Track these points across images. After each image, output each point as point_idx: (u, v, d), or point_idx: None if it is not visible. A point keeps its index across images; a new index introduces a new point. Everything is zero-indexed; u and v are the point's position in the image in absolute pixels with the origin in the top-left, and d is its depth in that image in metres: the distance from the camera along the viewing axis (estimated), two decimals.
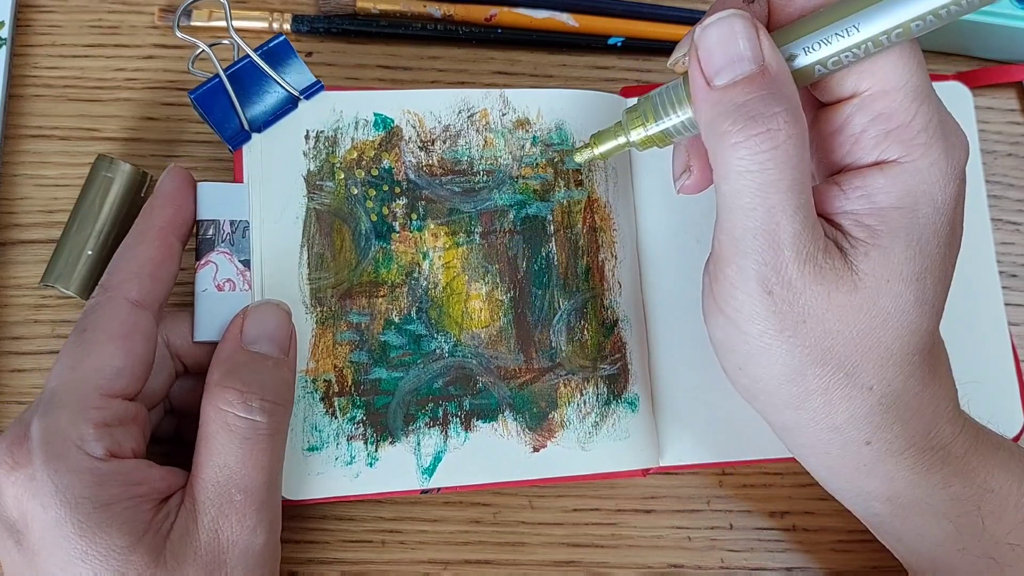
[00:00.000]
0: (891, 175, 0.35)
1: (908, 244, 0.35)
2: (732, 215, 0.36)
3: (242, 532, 0.39)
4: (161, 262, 0.42)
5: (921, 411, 0.38)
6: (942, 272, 0.37)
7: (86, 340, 0.40)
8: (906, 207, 0.35)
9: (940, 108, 0.36)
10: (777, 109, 0.34)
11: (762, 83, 0.34)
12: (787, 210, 0.34)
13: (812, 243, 0.35)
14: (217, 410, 0.40)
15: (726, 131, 0.34)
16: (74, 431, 0.37)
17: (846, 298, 0.36)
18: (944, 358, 0.40)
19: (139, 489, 0.38)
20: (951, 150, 0.36)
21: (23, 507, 0.37)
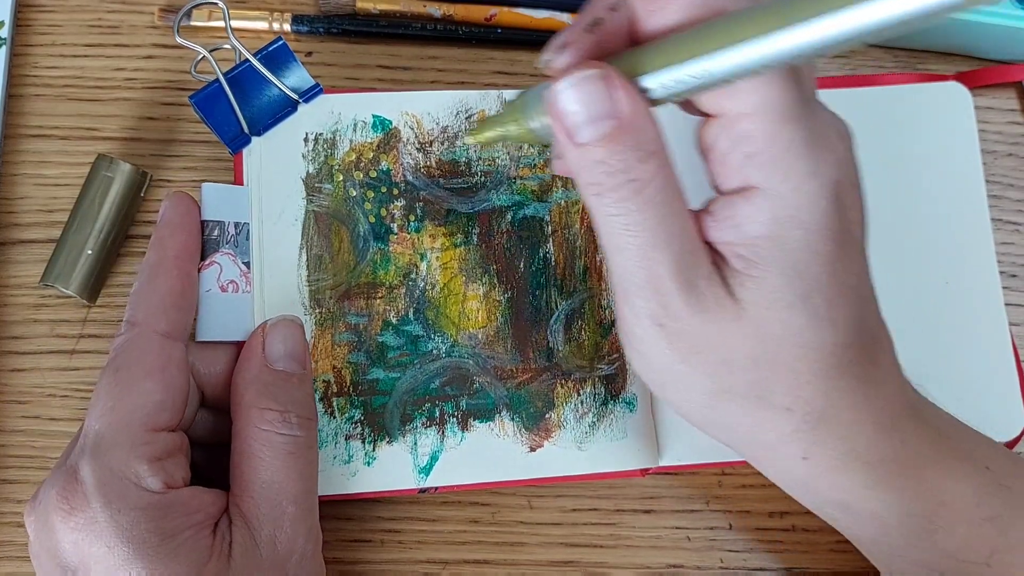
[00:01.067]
0: (755, 203, 0.34)
1: (782, 271, 0.34)
2: (613, 258, 0.35)
3: (296, 540, 0.40)
4: (182, 292, 0.42)
5: (858, 423, 0.37)
6: (837, 285, 0.35)
7: (122, 379, 0.40)
8: (774, 235, 0.34)
9: (812, 122, 0.33)
10: (635, 160, 0.33)
11: (620, 138, 0.33)
12: (660, 247, 0.34)
13: (692, 274, 0.35)
14: (258, 430, 0.41)
15: (591, 183, 0.34)
16: (129, 470, 0.38)
17: (733, 326, 0.35)
18: (886, 364, 0.38)
19: (198, 516, 0.39)
20: (817, 169, 0.33)
21: (84, 552, 0.37)
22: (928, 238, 0.51)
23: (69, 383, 0.49)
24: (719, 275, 0.35)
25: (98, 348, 0.49)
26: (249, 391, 0.42)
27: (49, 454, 0.48)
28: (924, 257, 0.51)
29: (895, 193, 0.51)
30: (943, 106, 0.53)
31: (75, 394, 0.48)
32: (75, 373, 0.49)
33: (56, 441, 0.48)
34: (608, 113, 0.32)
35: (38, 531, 0.39)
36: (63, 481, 0.38)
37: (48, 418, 0.48)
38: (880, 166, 0.51)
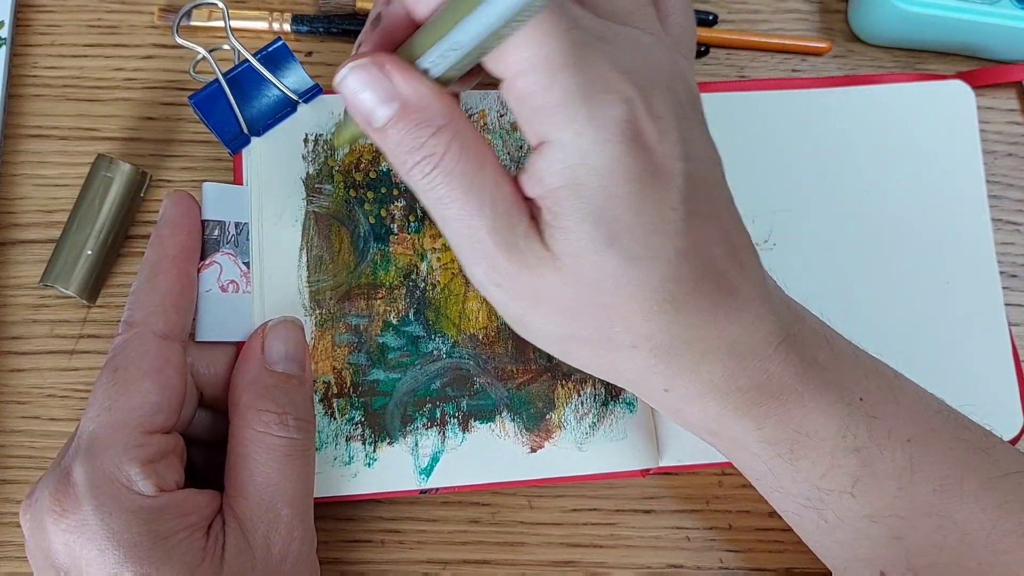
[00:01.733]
0: (547, 156, 0.34)
1: (584, 218, 0.34)
2: (442, 229, 0.37)
3: (292, 543, 0.40)
4: (181, 292, 0.42)
5: (711, 353, 0.37)
6: (648, 222, 0.35)
7: (119, 379, 0.40)
8: (568, 184, 0.34)
9: (588, 67, 0.33)
10: (425, 136, 0.35)
11: (406, 117, 0.35)
12: (474, 213, 0.35)
13: (510, 233, 0.35)
14: (255, 432, 0.41)
15: (397, 164, 0.36)
16: (121, 472, 0.38)
17: (555, 277, 0.36)
18: (744, 291, 0.38)
19: (191, 518, 0.39)
20: (597, 113, 0.33)
21: (75, 553, 0.37)
22: (928, 238, 0.51)
23: (69, 383, 0.49)
24: (536, 230, 0.35)
25: (98, 348, 0.49)
26: (247, 392, 0.42)
27: (49, 454, 0.48)
28: (924, 257, 0.51)
29: (895, 193, 0.51)
30: (944, 105, 0.53)
31: (75, 394, 0.48)
32: (75, 373, 0.49)
33: (56, 441, 0.48)
34: (391, 96, 0.34)
35: (32, 530, 0.39)
36: (56, 482, 0.38)
37: (48, 418, 0.48)
38: (880, 166, 0.51)
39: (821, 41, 0.56)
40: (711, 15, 0.55)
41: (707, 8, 0.56)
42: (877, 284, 0.50)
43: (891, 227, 0.51)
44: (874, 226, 0.51)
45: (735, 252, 0.37)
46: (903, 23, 0.53)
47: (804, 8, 0.57)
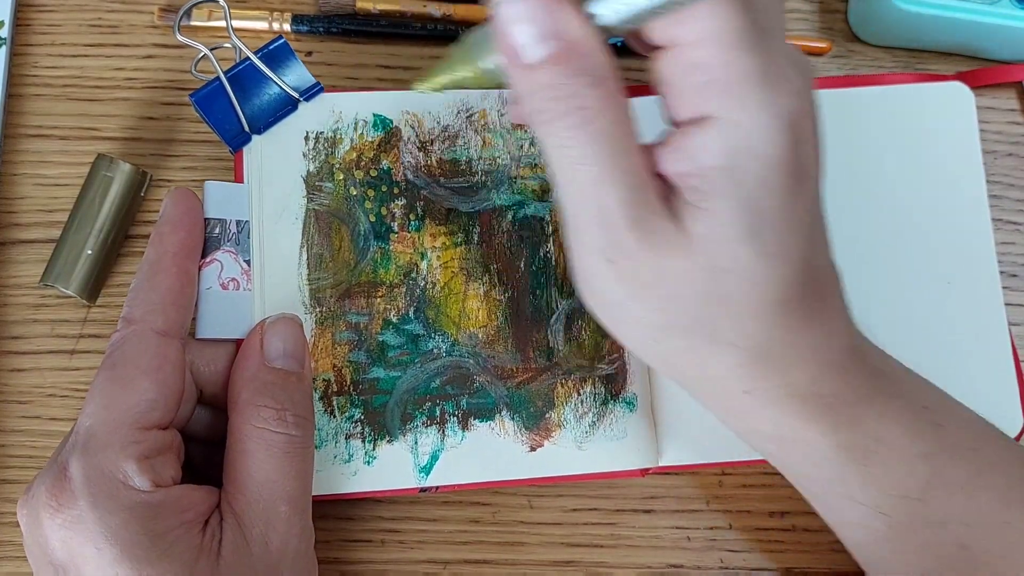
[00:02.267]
0: (709, 133, 0.32)
1: (735, 204, 0.33)
2: (563, 191, 0.35)
3: (290, 539, 0.40)
4: (180, 289, 0.42)
5: (800, 359, 0.37)
6: (789, 220, 0.34)
7: (117, 376, 0.40)
8: (728, 166, 0.32)
9: (767, 53, 0.32)
10: (583, 85, 0.32)
11: (566, 60, 0.32)
12: (609, 181, 0.33)
13: (643, 209, 0.34)
14: (254, 428, 0.40)
15: (539, 110, 0.33)
16: (118, 468, 0.38)
17: (682, 262, 0.34)
18: (832, 302, 0.38)
19: (187, 515, 0.39)
20: (774, 99, 0.32)
21: (72, 550, 0.37)
22: (928, 238, 0.51)
23: (69, 383, 0.49)
24: (670, 209, 0.34)
25: (98, 348, 0.49)
26: (246, 389, 0.42)
27: (49, 454, 0.48)
28: (924, 257, 0.51)
29: (896, 193, 0.51)
30: (944, 106, 0.53)
31: (75, 394, 0.48)
32: (75, 373, 0.49)
33: (56, 441, 0.48)
34: (553, 32, 0.31)
35: (29, 526, 0.39)
36: (53, 478, 0.38)
37: (48, 418, 0.48)
38: (880, 166, 0.51)
39: (821, 41, 0.56)
40: None
41: None
42: (877, 284, 0.50)
43: (891, 227, 0.51)
44: (874, 226, 0.51)
45: (827, 261, 0.38)
46: (903, 23, 0.53)
47: (804, 8, 0.57)
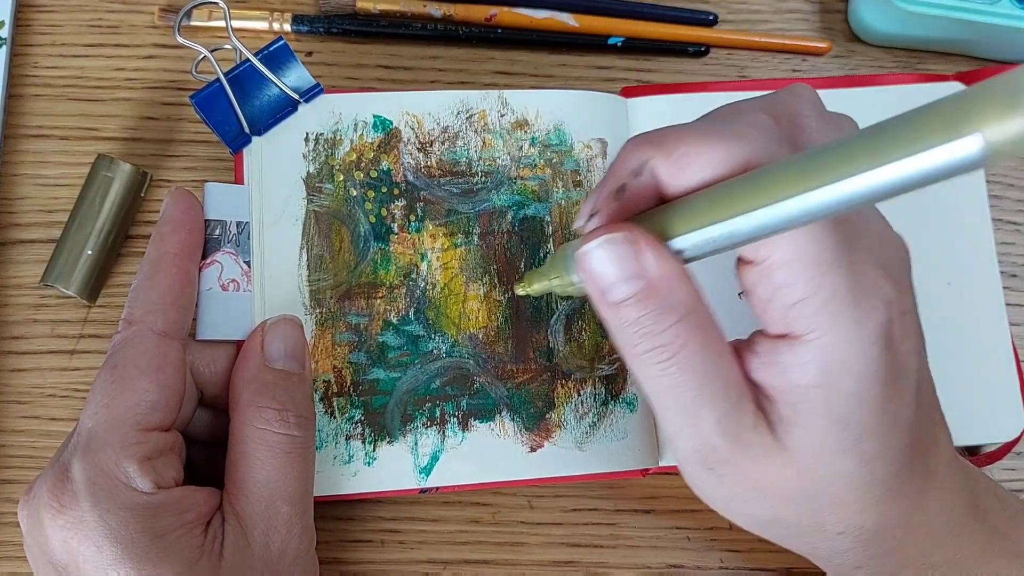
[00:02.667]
0: (800, 352, 0.33)
1: (831, 421, 0.34)
2: (657, 411, 0.36)
3: (291, 540, 0.40)
4: (181, 290, 0.42)
5: (911, 535, 0.38)
6: (888, 423, 0.34)
7: (118, 376, 0.40)
8: (822, 385, 0.33)
9: (855, 268, 0.32)
10: (668, 323, 0.33)
11: (649, 299, 0.33)
12: (702, 404, 0.34)
13: (737, 424, 0.34)
14: (255, 429, 0.41)
15: (628, 343, 0.34)
16: (119, 469, 0.38)
17: (780, 471, 0.35)
18: (942, 471, 0.38)
19: (188, 515, 0.38)
20: (863, 318, 0.32)
21: (72, 550, 0.37)
22: (929, 239, 0.51)
23: (69, 383, 0.49)
24: (765, 421, 0.35)
25: (98, 348, 0.49)
26: (247, 389, 0.42)
27: (49, 454, 0.48)
28: (924, 257, 0.51)
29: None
30: None
31: (75, 394, 0.48)
32: (75, 373, 0.49)
33: (56, 441, 0.48)
34: (636, 273, 0.33)
35: (30, 527, 0.39)
36: (54, 478, 0.38)
37: (48, 418, 0.48)
38: None
39: (821, 41, 0.56)
40: (711, 15, 0.55)
41: (707, 8, 0.56)
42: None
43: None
44: None
45: (935, 428, 0.38)
46: (903, 23, 0.53)
47: (804, 8, 0.57)
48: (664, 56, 0.55)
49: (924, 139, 0.23)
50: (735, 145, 0.32)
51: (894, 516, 0.37)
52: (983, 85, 0.22)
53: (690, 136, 0.33)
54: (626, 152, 0.34)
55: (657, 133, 0.34)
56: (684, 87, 0.51)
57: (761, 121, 0.34)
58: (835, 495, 0.36)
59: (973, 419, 0.50)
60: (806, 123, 0.36)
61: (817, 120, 0.37)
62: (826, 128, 0.37)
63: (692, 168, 0.32)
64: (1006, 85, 0.21)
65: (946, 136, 0.23)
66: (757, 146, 0.32)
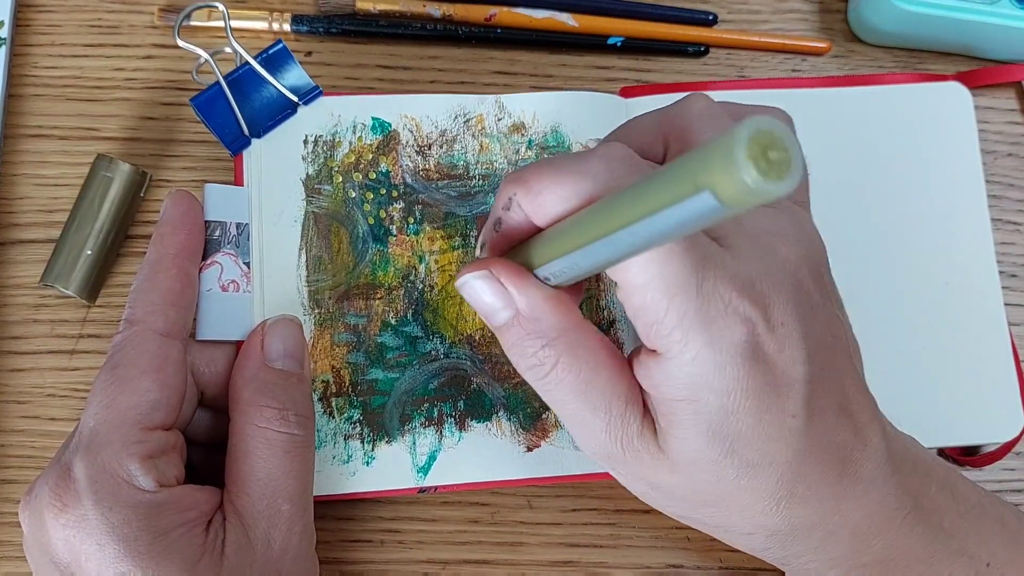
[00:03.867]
0: (664, 368, 0.35)
1: (699, 432, 0.35)
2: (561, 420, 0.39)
3: (291, 538, 0.40)
4: (181, 291, 0.42)
5: (833, 535, 0.38)
6: (766, 432, 0.35)
7: (119, 376, 0.40)
8: (687, 398, 0.35)
9: (700, 293, 0.33)
10: (536, 347, 0.37)
11: (519, 326, 0.37)
12: (589, 413, 0.37)
13: (626, 433, 0.37)
14: (256, 427, 0.41)
15: (514, 362, 0.38)
16: (121, 468, 0.38)
17: (670, 476, 0.37)
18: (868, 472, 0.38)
19: (190, 514, 0.39)
20: (715, 338, 0.33)
21: (75, 548, 0.37)
22: (928, 238, 0.51)
23: (69, 383, 0.49)
24: (651, 429, 0.37)
25: (98, 348, 0.49)
26: (247, 389, 0.42)
27: (49, 454, 0.48)
28: (924, 257, 0.51)
29: (895, 193, 0.51)
30: (943, 106, 0.53)
31: (75, 394, 0.48)
32: (75, 373, 0.49)
33: (56, 441, 0.48)
34: (506, 304, 0.37)
35: (31, 526, 0.39)
36: (56, 477, 0.38)
37: (48, 418, 0.48)
38: (880, 166, 0.51)
39: (821, 41, 0.56)
40: (711, 15, 0.55)
41: (707, 8, 0.56)
42: (877, 284, 0.50)
43: (891, 227, 0.51)
44: (874, 226, 0.51)
45: (858, 429, 0.38)
46: (903, 23, 0.53)
47: (804, 8, 0.57)
48: (664, 56, 0.55)
49: (673, 193, 0.25)
50: (579, 181, 0.34)
51: (809, 518, 0.37)
52: (711, 143, 0.24)
53: (545, 173, 0.35)
54: (501, 188, 0.37)
55: (523, 170, 0.36)
56: (684, 87, 0.51)
57: (614, 153, 0.35)
58: (731, 500, 0.37)
59: (973, 419, 0.50)
60: (694, 138, 0.38)
61: (708, 132, 0.38)
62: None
63: (547, 204, 0.35)
64: (720, 146, 0.23)
65: (686, 193, 0.25)
66: (600, 181, 0.34)
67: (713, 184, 0.23)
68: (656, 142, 0.39)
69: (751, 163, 0.22)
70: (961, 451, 0.51)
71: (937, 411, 0.49)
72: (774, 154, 0.22)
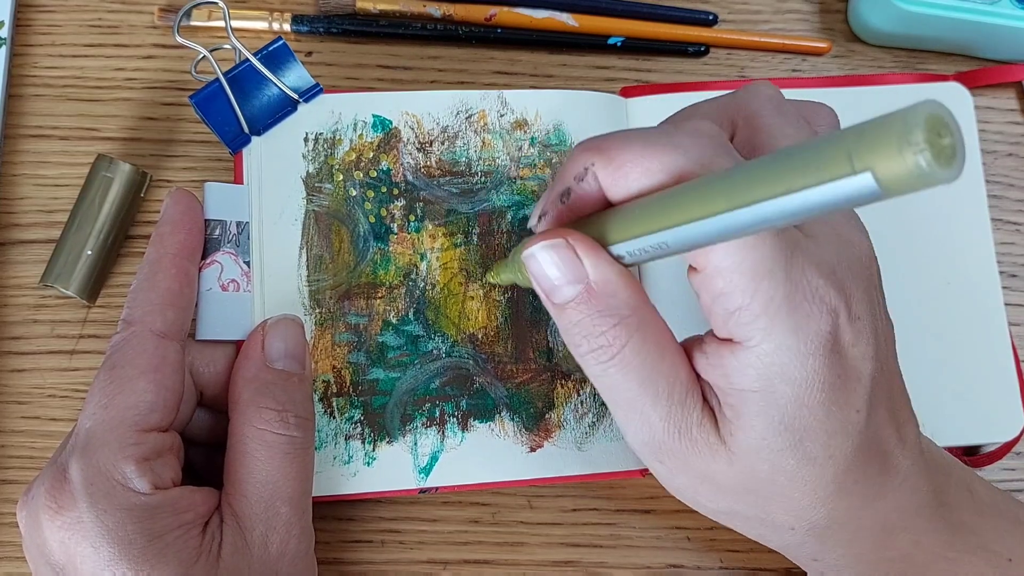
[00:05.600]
0: (741, 357, 0.34)
1: (770, 423, 0.35)
2: (610, 407, 0.38)
3: (289, 541, 0.40)
4: (180, 290, 0.42)
5: (864, 529, 0.38)
6: (831, 426, 0.35)
7: (116, 377, 0.40)
8: (761, 389, 0.34)
9: (793, 276, 0.33)
10: (607, 326, 0.35)
11: (589, 303, 0.35)
12: (648, 402, 0.36)
13: (683, 420, 0.36)
14: (255, 429, 0.41)
15: (573, 344, 0.37)
16: (116, 470, 0.38)
17: (726, 467, 0.36)
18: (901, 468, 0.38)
19: (186, 516, 0.38)
20: (801, 325, 0.33)
21: (70, 550, 0.37)
22: (928, 238, 0.51)
23: (69, 384, 0.49)
24: (711, 419, 0.36)
25: (98, 348, 0.49)
26: (247, 389, 0.42)
27: (49, 455, 0.48)
28: (924, 257, 0.51)
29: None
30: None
31: (75, 395, 0.48)
32: (75, 374, 0.49)
33: (56, 441, 0.48)
34: (577, 278, 0.35)
35: (28, 527, 0.39)
36: (52, 479, 0.38)
37: (48, 419, 0.48)
38: None
39: (821, 41, 0.56)
40: (711, 15, 0.55)
41: (707, 8, 0.56)
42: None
43: (891, 227, 0.51)
44: (873, 226, 0.51)
45: (899, 426, 0.38)
46: (903, 23, 0.53)
47: (804, 8, 0.57)
48: (664, 56, 0.55)
49: (823, 173, 0.24)
50: (671, 156, 0.32)
51: (845, 513, 0.37)
52: (875, 124, 0.23)
53: (631, 144, 0.33)
54: (573, 156, 0.35)
55: (603, 139, 0.35)
56: (684, 87, 0.51)
57: (704, 130, 0.34)
58: (782, 492, 0.37)
59: (973, 419, 0.50)
60: (764, 123, 0.37)
61: (776, 117, 0.37)
62: (785, 126, 0.37)
63: (630, 177, 0.33)
64: (892, 126, 0.22)
65: (841, 172, 0.23)
66: (692, 157, 0.32)
67: (876, 165, 0.22)
68: (724, 125, 0.38)
69: (928, 146, 0.21)
70: (961, 451, 0.51)
71: (937, 411, 0.49)
72: (945, 140, 0.22)
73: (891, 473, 0.37)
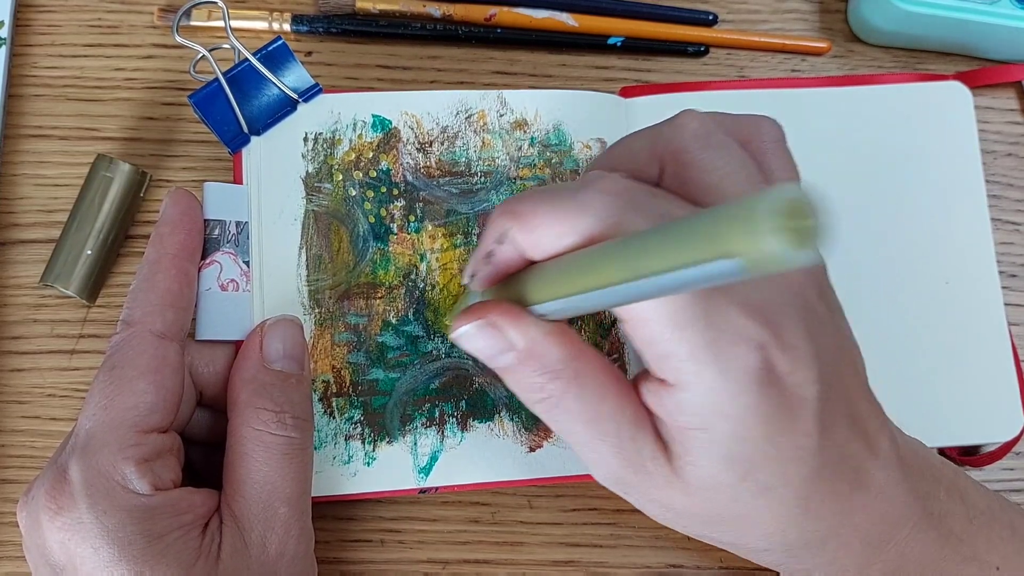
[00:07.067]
0: (675, 398, 0.35)
1: (715, 458, 0.35)
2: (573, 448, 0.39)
3: (288, 542, 0.40)
4: (180, 291, 0.42)
5: (845, 545, 0.38)
6: (781, 455, 0.35)
7: (116, 378, 0.40)
8: (700, 427, 0.35)
9: (709, 324, 0.33)
10: (544, 380, 0.37)
11: (524, 366, 0.37)
12: (599, 441, 0.37)
13: (636, 455, 0.37)
14: (252, 430, 0.41)
15: (523, 398, 0.38)
16: (116, 471, 0.38)
17: (685, 499, 0.37)
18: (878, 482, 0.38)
19: (186, 517, 0.39)
20: (729, 367, 0.33)
21: (70, 551, 0.37)
22: (928, 238, 0.51)
23: (69, 383, 0.49)
24: (664, 452, 0.37)
25: (98, 348, 0.49)
26: (245, 390, 0.42)
27: (49, 454, 0.48)
28: (924, 257, 0.51)
29: (895, 193, 0.51)
30: (943, 106, 0.53)
31: (75, 394, 0.48)
32: (75, 373, 0.49)
33: (56, 441, 0.48)
34: (507, 347, 0.37)
35: (28, 528, 0.39)
36: (52, 480, 0.38)
37: (48, 418, 0.48)
38: (880, 166, 0.51)
39: (821, 41, 0.56)
40: (711, 15, 0.55)
41: (707, 8, 0.56)
42: (876, 284, 0.50)
43: (891, 227, 0.51)
44: (873, 226, 0.51)
45: (868, 437, 0.38)
46: (903, 23, 0.53)
47: (804, 8, 0.57)
48: (663, 56, 0.55)
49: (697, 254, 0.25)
50: (579, 219, 0.33)
51: (821, 530, 0.37)
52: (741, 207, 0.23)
53: (542, 208, 0.34)
54: (492, 219, 0.37)
55: (518, 202, 0.36)
56: (683, 87, 0.51)
57: (612, 188, 0.35)
58: (746, 518, 0.37)
59: (972, 419, 0.50)
60: (691, 158, 0.37)
61: (704, 152, 0.37)
62: (715, 159, 0.37)
63: (544, 240, 0.34)
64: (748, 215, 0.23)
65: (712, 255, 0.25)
66: (601, 217, 0.33)
67: (737, 251, 0.23)
68: (651, 163, 0.39)
69: (778, 234, 0.22)
70: (961, 451, 0.51)
71: (937, 411, 0.49)
72: (803, 222, 0.22)
73: (865, 488, 0.37)
